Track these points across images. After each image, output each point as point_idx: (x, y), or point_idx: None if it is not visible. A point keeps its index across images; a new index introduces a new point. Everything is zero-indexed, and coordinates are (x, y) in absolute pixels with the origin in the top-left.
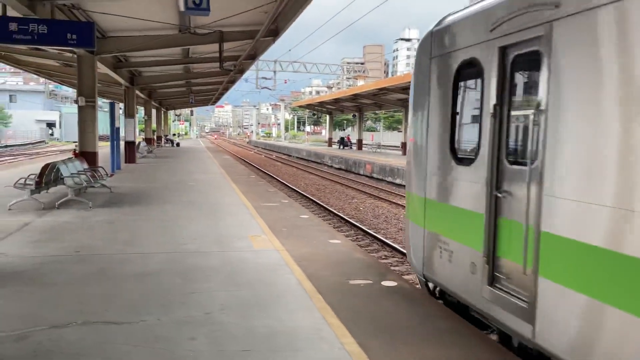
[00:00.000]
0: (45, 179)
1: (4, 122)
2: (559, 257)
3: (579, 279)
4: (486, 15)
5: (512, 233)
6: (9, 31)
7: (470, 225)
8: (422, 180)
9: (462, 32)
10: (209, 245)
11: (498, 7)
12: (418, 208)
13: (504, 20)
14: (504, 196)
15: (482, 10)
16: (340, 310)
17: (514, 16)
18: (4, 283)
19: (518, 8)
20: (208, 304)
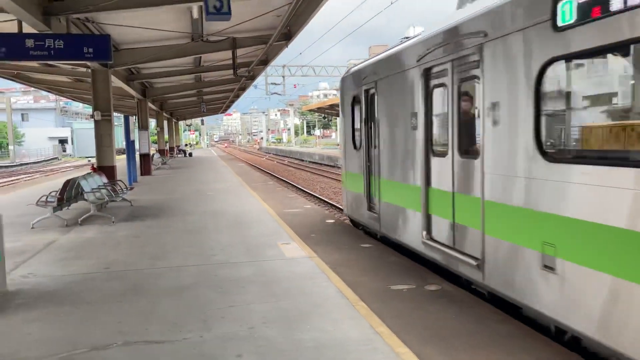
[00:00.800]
0: (66, 196)
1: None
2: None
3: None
4: (359, 72)
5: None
6: (26, 48)
7: (359, 181)
8: (343, 161)
9: (352, 81)
10: (239, 256)
11: (364, 70)
12: (343, 177)
13: (365, 77)
14: (368, 165)
15: (358, 70)
16: (387, 318)
17: (368, 75)
18: (38, 304)
19: (368, 72)
20: (249, 318)
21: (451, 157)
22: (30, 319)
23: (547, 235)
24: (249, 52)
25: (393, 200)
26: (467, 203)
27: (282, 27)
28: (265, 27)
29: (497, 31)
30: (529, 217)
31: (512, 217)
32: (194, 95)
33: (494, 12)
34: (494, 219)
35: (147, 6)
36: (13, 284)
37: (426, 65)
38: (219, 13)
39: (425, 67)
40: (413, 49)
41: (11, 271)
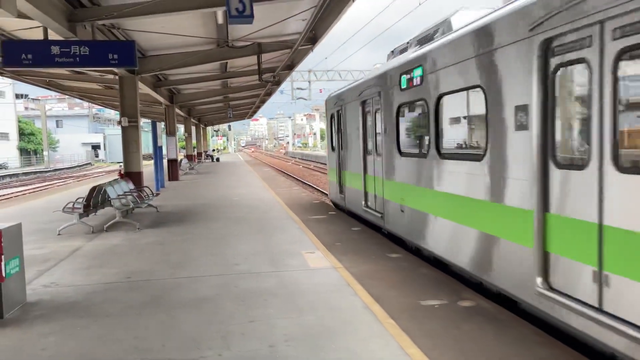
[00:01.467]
0: (92, 202)
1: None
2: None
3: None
4: (334, 98)
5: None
6: (52, 55)
7: (334, 174)
8: (327, 160)
9: (331, 103)
10: (261, 265)
11: (336, 96)
12: (328, 172)
13: (336, 102)
14: (338, 162)
15: (333, 96)
16: (418, 338)
17: (338, 101)
18: (57, 316)
19: (337, 99)
20: (270, 335)
21: (378, 155)
22: (47, 333)
23: (402, 194)
24: (274, 57)
25: (348, 184)
26: (373, 182)
27: (308, 30)
28: (290, 32)
29: (385, 86)
30: (396, 186)
31: (393, 187)
32: (221, 101)
33: (383, 75)
34: (387, 189)
35: (171, 11)
36: (34, 293)
37: (362, 99)
38: (241, 16)
39: (362, 100)
40: (356, 87)
41: (33, 280)
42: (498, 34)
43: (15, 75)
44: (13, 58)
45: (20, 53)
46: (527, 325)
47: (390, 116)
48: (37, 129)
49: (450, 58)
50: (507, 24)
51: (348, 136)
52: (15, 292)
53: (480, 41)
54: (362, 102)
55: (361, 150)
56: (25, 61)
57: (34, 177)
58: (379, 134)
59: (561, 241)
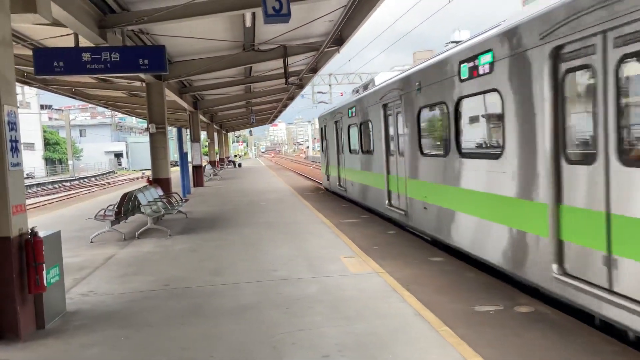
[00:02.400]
0: (124, 209)
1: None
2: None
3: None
4: (322, 116)
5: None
6: (83, 62)
7: (324, 169)
8: (327, 159)
9: (321, 119)
10: (300, 271)
11: (324, 115)
12: (323, 168)
13: (323, 119)
14: (326, 160)
15: (322, 115)
16: (479, 347)
17: (324, 119)
18: (97, 327)
19: (324, 118)
20: (321, 344)
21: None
22: (89, 344)
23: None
24: (297, 60)
25: (330, 173)
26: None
27: (335, 31)
28: (316, 34)
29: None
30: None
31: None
32: (243, 106)
33: (330, 113)
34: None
35: (202, 14)
36: (73, 303)
37: (336, 119)
38: (278, 15)
39: (335, 120)
40: (333, 113)
41: (71, 288)
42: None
43: (43, 85)
44: (45, 66)
45: (52, 61)
46: (594, 332)
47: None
48: (61, 139)
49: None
50: (529, 29)
51: (330, 143)
52: (55, 301)
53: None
54: (335, 122)
55: (335, 151)
56: (57, 69)
57: (59, 186)
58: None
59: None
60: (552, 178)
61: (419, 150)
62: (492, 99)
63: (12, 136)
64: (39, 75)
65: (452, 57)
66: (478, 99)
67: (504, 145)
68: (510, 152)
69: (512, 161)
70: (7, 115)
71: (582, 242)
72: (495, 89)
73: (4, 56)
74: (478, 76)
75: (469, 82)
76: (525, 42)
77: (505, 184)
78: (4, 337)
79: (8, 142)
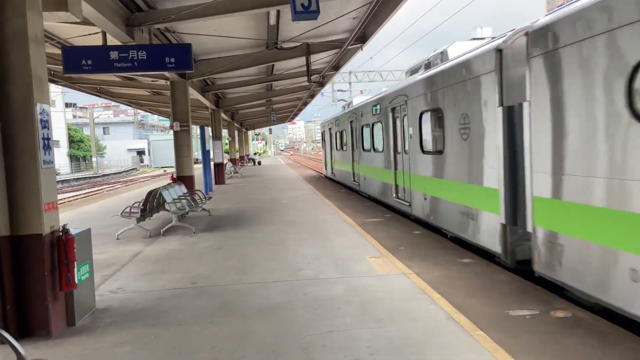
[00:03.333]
0: (149, 206)
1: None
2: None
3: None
4: (324, 124)
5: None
6: (110, 60)
7: (345, 164)
8: (325, 155)
9: (322, 126)
10: (327, 271)
11: (324, 123)
12: (326, 161)
13: (323, 126)
14: (325, 157)
15: (323, 123)
16: (517, 353)
17: (323, 125)
18: (127, 324)
19: (323, 125)
20: (353, 346)
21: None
22: (120, 342)
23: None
24: (319, 58)
25: (332, 167)
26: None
27: (359, 29)
28: (339, 31)
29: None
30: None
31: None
32: (264, 104)
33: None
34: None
35: (229, 12)
36: (102, 300)
37: (351, 119)
38: (307, 12)
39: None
40: (328, 122)
41: (100, 285)
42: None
43: (69, 83)
44: (73, 64)
45: (80, 59)
46: (636, 338)
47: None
48: (85, 136)
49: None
50: (385, 99)
51: (329, 144)
52: (85, 298)
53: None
54: (331, 130)
55: (329, 149)
56: (85, 67)
57: (83, 183)
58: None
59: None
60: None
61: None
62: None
63: (45, 134)
64: (68, 74)
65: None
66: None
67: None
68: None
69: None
70: (40, 113)
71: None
72: (380, 121)
73: (36, 54)
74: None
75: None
76: (385, 104)
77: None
78: (35, 334)
79: (40, 139)
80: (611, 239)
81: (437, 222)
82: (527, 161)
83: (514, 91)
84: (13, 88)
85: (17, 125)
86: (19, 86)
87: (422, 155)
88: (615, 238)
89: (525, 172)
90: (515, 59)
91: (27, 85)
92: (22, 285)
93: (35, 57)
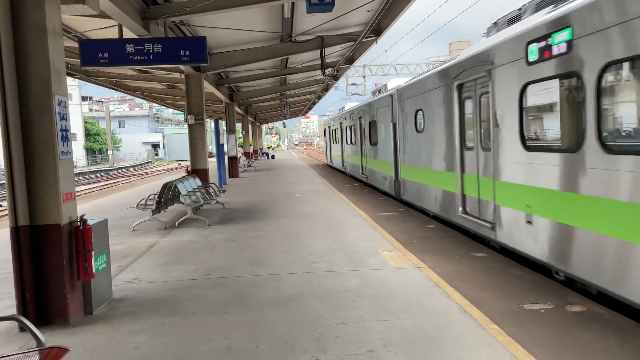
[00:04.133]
0: (164, 198)
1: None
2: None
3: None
4: (325, 122)
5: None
6: (127, 53)
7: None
8: (327, 147)
9: (323, 124)
10: (340, 264)
11: (326, 121)
12: (328, 153)
13: (325, 124)
14: (327, 148)
15: (325, 121)
16: (532, 347)
17: (324, 124)
18: (143, 314)
19: (324, 124)
20: (366, 338)
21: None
22: (136, 331)
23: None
24: (333, 51)
25: (332, 155)
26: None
27: (374, 21)
28: (354, 24)
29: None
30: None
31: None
32: (278, 98)
33: (332, 120)
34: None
35: (243, 5)
36: (118, 290)
37: (360, 115)
38: (322, 4)
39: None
40: (336, 118)
41: (116, 275)
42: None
43: (85, 77)
44: (90, 57)
45: (97, 52)
46: None
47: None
48: (101, 129)
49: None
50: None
51: (330, 138)
52: (102, 288)
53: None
54: (329, 128)
55: (329, 143)
56: (101, 60)
57: (99, 175)
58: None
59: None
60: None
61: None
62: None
63: (63, 125)
64: (85, 67)
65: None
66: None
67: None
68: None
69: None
70: (58, 105)
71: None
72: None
73: (54, 46)
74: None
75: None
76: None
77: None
78: (54, 322)
79: (59, 131)
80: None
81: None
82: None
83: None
84: (32, 80)
85: (36, 117)
86: (38, 78)
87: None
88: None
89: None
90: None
91: (46, 77)
92: (41, 274)
93: (53, 49)
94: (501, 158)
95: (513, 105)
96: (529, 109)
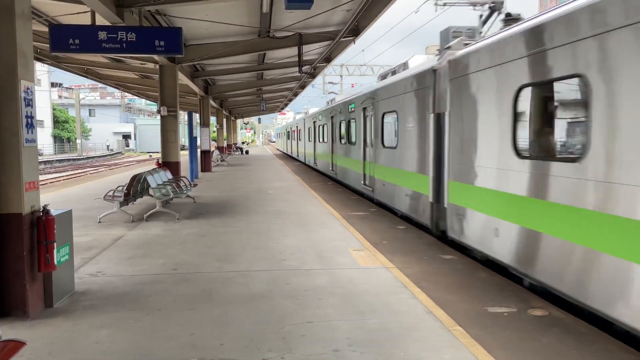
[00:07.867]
0: (133, 191)
1: (84, 135)
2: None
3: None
4: (328, 109)
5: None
6: (99, 40)
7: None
8: (311, 148)
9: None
10: (310, 262)
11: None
12: (320, 155)
13: (314, 120)
14: (313, 148)
15: (307, 116)
16: (494, 349)
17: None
18: (107, 308)
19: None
20: (332, 337)
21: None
22: (98, 325)
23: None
24: (311, 49)
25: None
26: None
27: (352, 21)
28: (332, 23)
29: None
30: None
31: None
32: (254, 93)
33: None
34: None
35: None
36: (81, 282)
37: (332, 114)
38: (301, 1)
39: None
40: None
41: (79, 268)
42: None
43: (56, 62)
44: (60, 43)
45: (67, 38)
46: (611, 339)
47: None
48: (70, 117)
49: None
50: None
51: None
52: (64, 280)
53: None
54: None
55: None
56: (72, 46)
57: (67, 165)
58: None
59: (319, 156)
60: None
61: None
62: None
63: (28, 112)
64: (55, 52)
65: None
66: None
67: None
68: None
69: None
70: (24, 91)
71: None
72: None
73: (22, 30)
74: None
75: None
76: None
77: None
78: (12, 314)
79: (24, 117)
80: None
81: None
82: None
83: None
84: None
85: (0, 102)
86: (3, 62)
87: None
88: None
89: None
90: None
91: (12, 62)
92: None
93: (21, 33)
94: (370, 150)
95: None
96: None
